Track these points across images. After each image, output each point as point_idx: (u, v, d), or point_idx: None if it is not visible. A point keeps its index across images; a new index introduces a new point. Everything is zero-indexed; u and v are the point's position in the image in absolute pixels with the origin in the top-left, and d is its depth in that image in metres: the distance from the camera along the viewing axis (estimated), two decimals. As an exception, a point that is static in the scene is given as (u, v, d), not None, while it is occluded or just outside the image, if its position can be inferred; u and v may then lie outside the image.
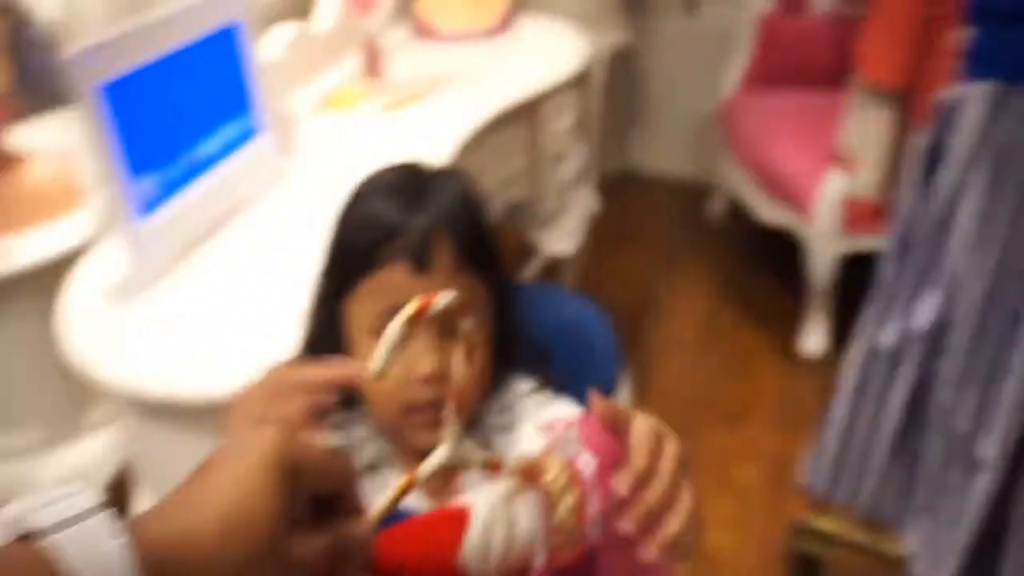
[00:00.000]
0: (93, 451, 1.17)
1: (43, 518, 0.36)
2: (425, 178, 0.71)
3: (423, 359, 0.65)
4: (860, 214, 1.97)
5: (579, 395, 1.37)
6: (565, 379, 1.41)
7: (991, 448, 0.69)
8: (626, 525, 0.51)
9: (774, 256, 2.46)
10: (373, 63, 1.57)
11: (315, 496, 0.43)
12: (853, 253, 2.03)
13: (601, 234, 2.45)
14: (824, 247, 2.03)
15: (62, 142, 1.20)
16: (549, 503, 0.54)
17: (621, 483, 0.51)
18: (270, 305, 1.01)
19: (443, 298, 0.55)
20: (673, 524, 0.52)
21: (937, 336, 0.72)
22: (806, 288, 2.15)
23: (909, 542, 0.79)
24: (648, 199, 2.94)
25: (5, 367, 1.11)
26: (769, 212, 2.25)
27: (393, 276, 0.66)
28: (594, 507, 0.53)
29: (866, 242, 2.01)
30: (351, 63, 1.62)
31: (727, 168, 2.52)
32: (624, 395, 1.46)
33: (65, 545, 0.35)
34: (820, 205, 2.00)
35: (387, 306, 0.64)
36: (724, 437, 1.96)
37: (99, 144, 0.90)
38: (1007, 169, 0.66)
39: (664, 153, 3.03)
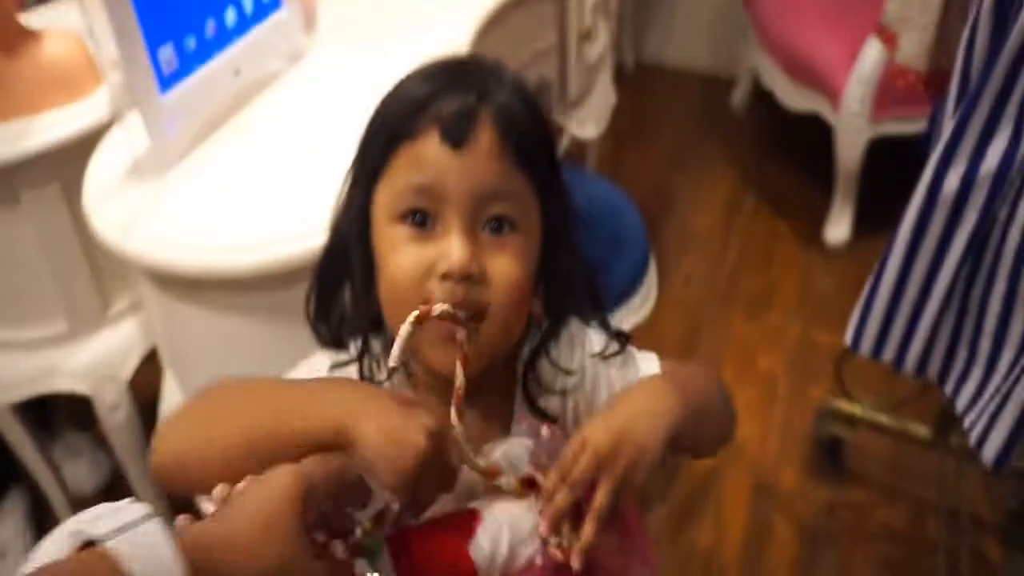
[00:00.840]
0: (117, 342, 1.17)
1: (100, 527, 0.43)
2: (473, 64, 0.65)
3: (448, 251, 0.58)
4: (898, 90, 1.88)
5: (611, 275, 1.37)
6: (596, 261, 1.39)
7: None
8: (541, 530, 0.58)
9: (798, 145, 2.41)
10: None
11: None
12: (881, 138, 1.98)
13: (620, 127, 2.38)
14: (854, 131, 1.98)
15: (71, 24, 1.15)
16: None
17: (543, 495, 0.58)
18: (293, 182, 0.98)
19: (441, 306, 0.57)
20: (586, 530, 0.57)
21: (1002, 179, 0.69)
22: (832, 176, 2.10)
23: (958, 402, 0.78)
24: (667, 91, 2.85)
25: (28, 255, 1.09)
26: (796, 99, 2.19)
27: (426, 148, 0.59)
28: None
29: (895, 127, 1.96)
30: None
31: (752, 56, 2.43)
32: (651, 278, 1.45)
33: (124, 548, 0.42)
34: (853, 85, 1.93)
35: (416, 183, 0.59)
36: (747, 326, 1.95)
37: (117, 9, 0.85)
38: None
39: (683, 44, 2.91)
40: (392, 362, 0.55)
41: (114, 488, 1.53)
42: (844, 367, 1.51)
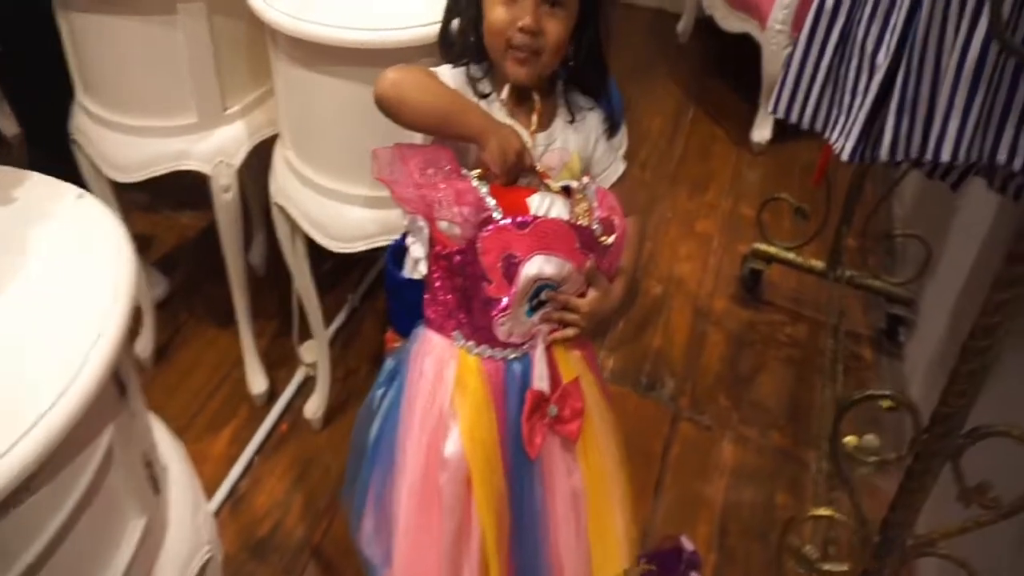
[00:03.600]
0: (233, 135, 1.49)
1: None
2: None
3: (523, 15, 0.96)
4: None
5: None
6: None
7: (883, 55, 1.13)
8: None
9: (733, 66, 2.85)
10: None
11: None
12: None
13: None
14: (777, 48, 2.42)
15: None
16: (575, 203, 1.01)
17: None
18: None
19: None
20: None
21: None
22: (759, 88, 2.55)
23: (831, 135, 1.23)
24: (623, 23, 3.25)
25: (176, 59, 1.38)
26: (732, 23, 2.62)
27: None
28: (595, 215, 1.00)
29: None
30: None
31: (697, -13, 2.86)
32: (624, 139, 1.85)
33: None
34: (777, 7, 2.38)
35: None
36: (689, 202, 2.40)
37: None
38: None
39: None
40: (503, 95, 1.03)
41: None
42: (763, 217, 1.97)
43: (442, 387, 1.00)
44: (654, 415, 1.79)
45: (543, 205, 0.98)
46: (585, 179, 1.03)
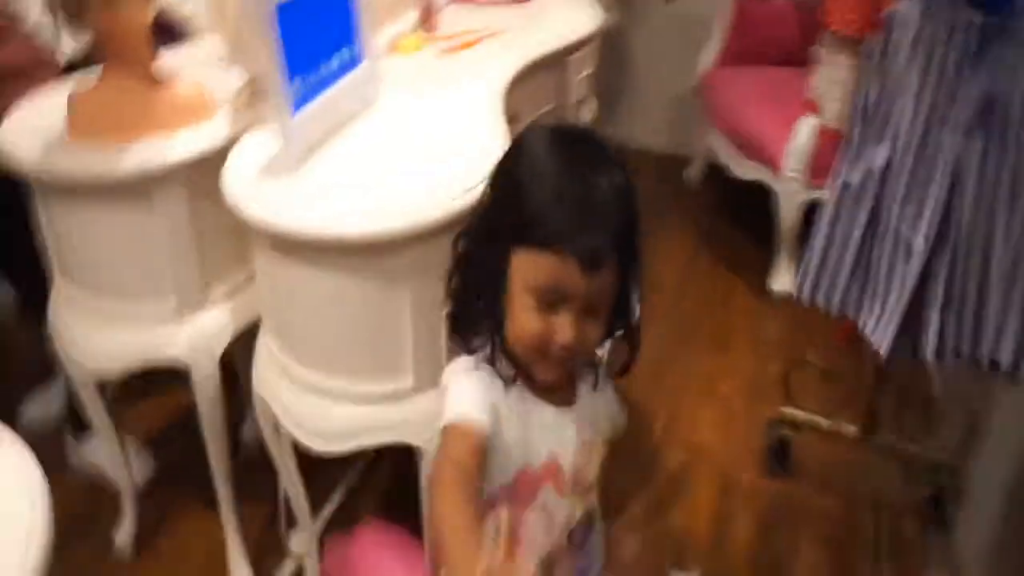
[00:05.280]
0: (215, 321, 1.40)
1: None
2: (597, 171, 0.83)
3: (564, 331, 0.81)
4: (827, 148, 2.26)
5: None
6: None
7: (921, 241, 1.02)
8: None
9: (745, 212, 2.79)
10: (428, 18, 1.83)
11: None
12: (816, 202, 2.35)
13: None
14: (792, 195, 2.36)
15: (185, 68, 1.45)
16: None
17: None
18: (386, 183, 1.22)
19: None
20: None
21: (886, 174, 1.05)
22: (775, 235, 2.47)
23: (865, 324, 1.10)
24: (633, 169, 3.23)
25: (154, 245, 1.32)
26: (744, 170, 2.58)
27: (565, 265, 0.79)
28: None
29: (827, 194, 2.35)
30: (410, 17, 1.88)
31: (705, 135, 2.84)
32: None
33: None
34: (790, 152, 2.32)
35: (550, 285, 0.80)
36: (708, 360, 2.27)
37: (273, 50, 1.15)
38: (932, 58, 0.98)
39: (646, 128, 3.33)
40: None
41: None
42: (791, 381, 1.84)
43: None
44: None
45: None
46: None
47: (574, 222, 0.80)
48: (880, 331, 1.07)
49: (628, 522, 1.78)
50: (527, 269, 0.82)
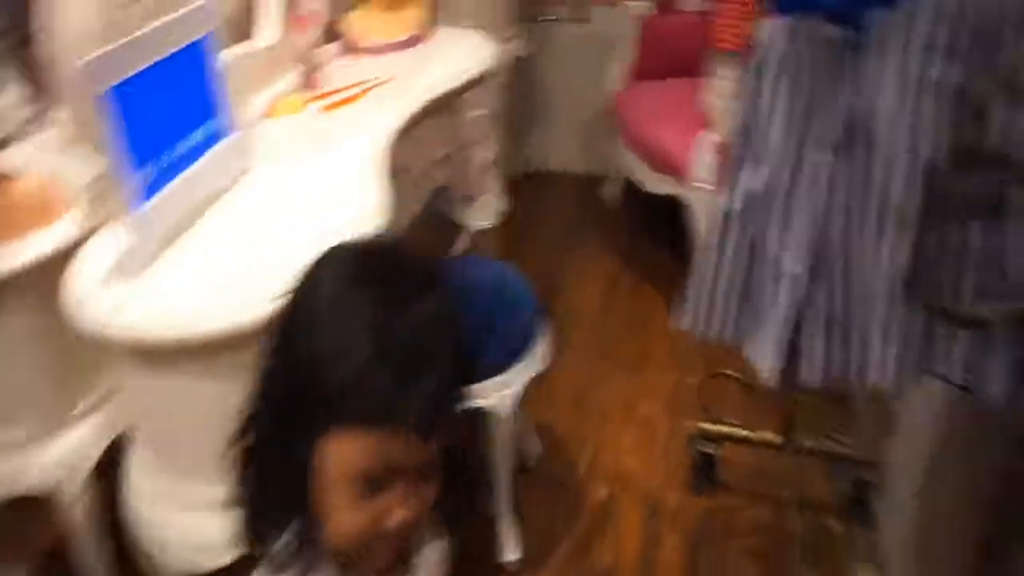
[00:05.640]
0: (81, 438, 1.32)
1: None
2: (413, 301, 0.65)
3: (398, 512, 0.66)
4: (727, 161, 2.31)
5: (504, 338, 1.65)
6: (489, 328, 1.69)
7: (799, 266, 1.03)
8: None
9: (665, 227, 2.81)
10: (310, 75, 1.83)
11: None
12: (726, 216, 2.40)
13: (510, 228, 2.76)
14: (704, 205, 2.38)
15: (31, 163, 1.37)
16: None
17: None
18: (247, 274, 1.19)
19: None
20: None
21: (765, 197, 1.06)
22: (691, 248, 2.49)
23: (749, 351, 1.11)
24: (550, 193, 3.26)
25: (5, 364, 1.23)
26: (656, 185, 2.60)
27: (395, 439, 0.63)
28: None
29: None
30: (290, 77, 1.87)
31: (618, 154, 2.87)
32: (542, 337, 1.75)
33: None
34: (697, 164, 2.36)
35: (377, 466, 0.63)
36: (628, 381, 2.28)
37: (110, 139, 1.10)
38: (799, 76, 1.00)
39: (562, 151, 3.36)
40: None
41: None
42: (705, 395, 1.86)
43: None
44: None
45: None
46: None
47: (399, 382, 0.62)
48: (765, 359, 1.08)
49: (554, 567, 1.77)
50: (343, 454, 0.64)
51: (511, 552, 1.74)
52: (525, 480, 1.91)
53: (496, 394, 1.63)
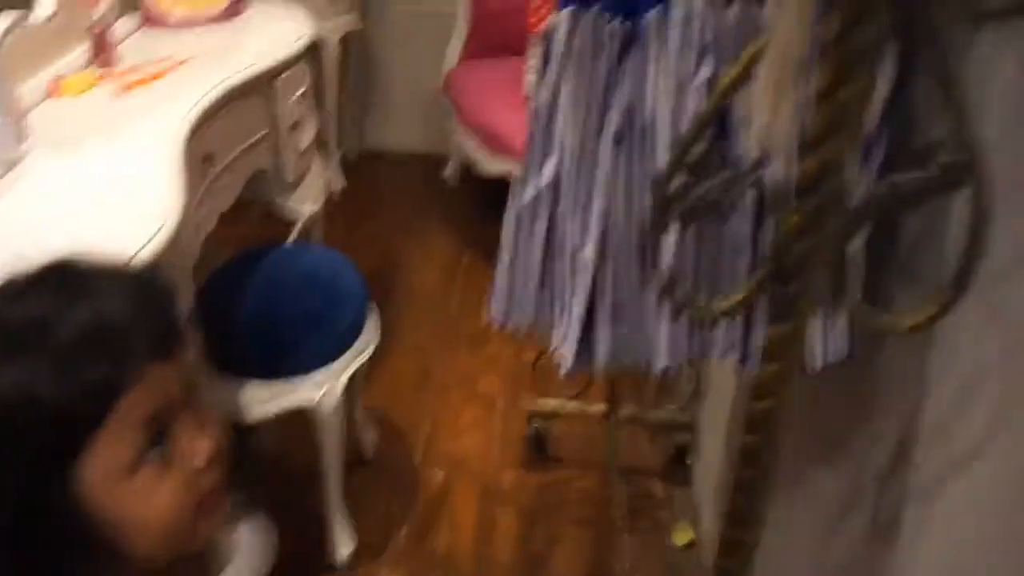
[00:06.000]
0: None
1: None
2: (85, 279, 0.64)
3: (198, 444, 0.61)
4: None
5: (331, 327, 1.61)
6: (314, 321, 1.64)
7: (588, 255, 1.05)
8: None
9: (503, 207, 2.82)
10: (102, 52, 1.69)
11: None
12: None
13: (347, 210, 2.71)
14: (534, 188, 2.41)
15: None
16: None
17: None
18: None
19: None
20: None
21: (556, 188, 1.07)
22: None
23: (550, 338, 1.13)
24: (390, 173, 3.21)
25: None
26: (493, 166, 2.60)
27: (153, 380, 0.59)
28: None
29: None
30: (79, 54, 1.72)
31: (456, 134, 2.85)
32: (371, 331, 1.71)
33: None
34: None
35: (155, 409, 0.59)
36: (469, 359, 2.29)
37: None
38: (582, 67, 1.01)
39: (402, 130, 3.31)
40: None
41: None
42: (539, 370, 1.88)
43: None
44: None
45: None
46: None
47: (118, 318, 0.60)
48: (562, 348, 1.09)
49: (391, 557, 1.76)
50: (107, 452, 0.58)
51: (344, 548, 1.71)
52: (363, 472, 1.88)
53: (322, 386, 1.58)
